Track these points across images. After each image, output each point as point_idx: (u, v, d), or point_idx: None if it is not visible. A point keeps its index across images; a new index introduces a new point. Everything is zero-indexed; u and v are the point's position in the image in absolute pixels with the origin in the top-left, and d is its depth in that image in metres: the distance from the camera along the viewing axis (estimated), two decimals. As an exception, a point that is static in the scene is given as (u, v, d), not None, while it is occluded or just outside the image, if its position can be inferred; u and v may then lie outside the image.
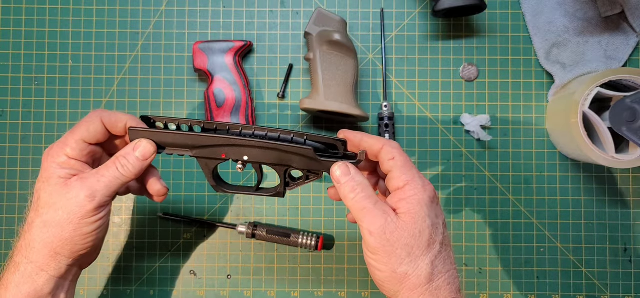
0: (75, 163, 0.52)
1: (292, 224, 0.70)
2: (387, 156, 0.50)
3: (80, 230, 0.50)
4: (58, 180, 0.50)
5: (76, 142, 0.51)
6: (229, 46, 0.68)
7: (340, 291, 0.70)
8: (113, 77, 0.71)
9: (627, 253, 0.70)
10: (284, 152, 0.51)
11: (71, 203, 0.50)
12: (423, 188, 0.48)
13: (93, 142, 0.53)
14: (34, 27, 0.71)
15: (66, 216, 0.50)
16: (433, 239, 0.47)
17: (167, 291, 0.70)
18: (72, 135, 0.52)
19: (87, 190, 0.50)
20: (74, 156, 0.51)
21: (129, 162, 0.52)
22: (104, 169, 0.51)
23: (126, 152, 0.52)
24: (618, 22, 0.69)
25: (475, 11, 0.68)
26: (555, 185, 0.70)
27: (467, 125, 0.69)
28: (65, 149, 0.51)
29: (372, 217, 0.47)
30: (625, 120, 0.59)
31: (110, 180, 0.51)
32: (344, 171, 0.49)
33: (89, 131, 0.52)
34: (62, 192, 0.50)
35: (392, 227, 0.46)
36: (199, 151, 0.53)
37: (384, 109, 0.68)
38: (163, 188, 0.56)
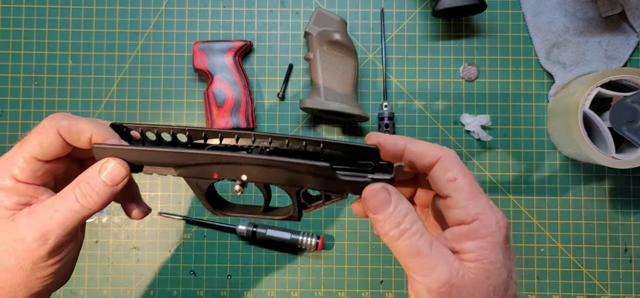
0: (25, 188, 0.40)
1: (292, 224, 0.70)
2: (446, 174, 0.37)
3: (33, 275, 0.39)
4: (4, 212, 0.39)
5: (26, 161, 0.39)
6: (229, 46, 0.68)
7: (340, 291, 0.70)
8: (113, 77, 0.71)
9: (628, 254, 0.70)
10: (293, 171, 0.39)
11: (19, 247, 0.38)
12: (497, 224, 0.35)
13: (48, 158, 0.40)
14: (33, 27, 0.71)
15: (15, 261, 0.38)
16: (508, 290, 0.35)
17: (167, 291, 0.70)
18: (20, 151, 0.40)
19: (37, 231, 0.38)
20: (23, 179, 0.40)
21: (94, 190, 0.39)
22: (60, 201, 0.39)
23: (89, 176, 0.39)
24: (618, 22, 0.69)
25: (475, 11, 0.68)
26: (555, 185, 0.70)
27: (468, 125, 0.69)
28: (12, 169, 0.39)
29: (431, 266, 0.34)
30: (626, 120, 0.59)
31: (67, 215, 0.38)
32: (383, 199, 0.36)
33: (42, 146, 0.40)
34: (8, 230, 0.38)
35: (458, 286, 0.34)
36: (185, 170, 0.41)
37: (384, 108, 0.68)
38: (141, 213, 0.45)
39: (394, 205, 0.35)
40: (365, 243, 0.70)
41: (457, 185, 0.36)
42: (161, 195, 0.70)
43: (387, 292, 0.70)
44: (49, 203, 0.39)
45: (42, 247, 0.38)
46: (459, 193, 0.36)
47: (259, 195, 0.69)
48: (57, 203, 0.39)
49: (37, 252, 0.38)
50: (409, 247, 0.34)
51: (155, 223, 0.70)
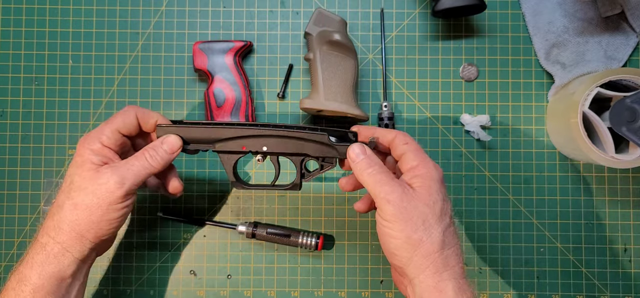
0: (108, 151, 0.55)
1: (292, 224, 0.70)
2: (401, 141, 0.55)
3: (107, 215, 0.53)
4: (91, 165, 0.53)
5: (112, 132, 0.55)
6: (229, 46, 0.68)
7: (340, 291, 0.70)
8: (113, 77, 0.71)
9: (627, 254, 0.70)
10: (300, 140, 0.57)
11: (102, 189, 0.53)
12: (435, 168, 0.53)
13: (126, 133, 0.57)
14: (34, 27, 0.71)
15: (96, 200, 0.53)
16: (444, 211, 0.51)
17: (167, 291, 0.70)
18: (109, 125, 0.55)
19: (118, 177, 0.53)
20: (108, 144, 0.55)
21: (158, 154, 0.56)
22: (134, 159, 0.55)
23: (155, 145, 0.56)
24: (618, 22, 0.69)
25: (475, 11, 0.68)
26: (555, 185, 0.70)
27: (467, 125, 0.69)
28: (101, 136, 0.55)
29: (390, 187, 0.51)
30: (625, 120, 0.59)
31: (139, 169, 0.54)
32: (360, 150, 0.54)
33: (125, 123, 0.56)
34: (93, 178, 0.53)
35: (408, 197, 0.51)
36: (221, 145, 0.57)
37: (384, 109, 0.68)
38: (180, 185, 0.60)
39: (368, 154, 0.54)
40: (365, 243, 0.70)
41: (409, 147, 0.54)
42: (161, 196, 0.70)
43: (387, 292, 0.70)
44: (125, 161, 0.55)
45: (120, 189, 0.53)
46: (409, 151, 0.54)
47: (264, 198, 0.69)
48: (132, 160, 0.55)
49: (116, 192, 0.53)
50: (376, 175, 0.52)
51: (155, 223, 0.70)
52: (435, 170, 0.53)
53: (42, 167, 0.70)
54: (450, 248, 0.50)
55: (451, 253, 0.50)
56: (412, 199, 0.50)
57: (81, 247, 0.54)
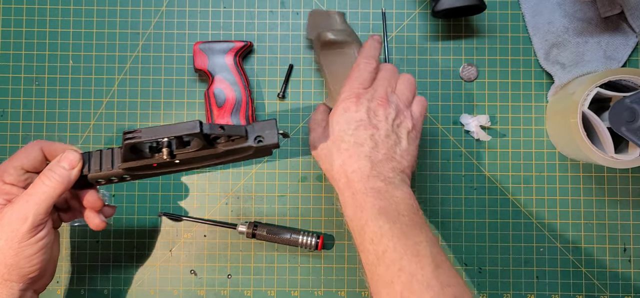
0: (10, 188, 0.52)
1: (292, 224, 0.70)
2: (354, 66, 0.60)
3: (21, 253, 0.50)
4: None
5: (14, 169, 0.53)
6: (229, 46, 0.68)
7: (340, 291, 0.70)
8: (113, 77, 0.71)
9: (627, 253, 0.70)
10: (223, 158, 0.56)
11: (6, 230, 0.49)
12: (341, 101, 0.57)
13: (31, 169, 0.54)
14: (34, 27, 0.71)
15: (4, 242, 0.50)
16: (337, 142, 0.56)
17: (167, 291, 0.70)
18: (11, 162, 0.53)
19: (17, 212, 0.50)
20: (10, 182, 0.53)
21: (56, 173, 0.51)
22: (31, 188, 0.51)
23: (52, 165, 0.52)
24: (617, 23, 0.69)
25: (475, 11, 0.68)
26: (554, 185, 0.70)
27: (467, 125, 0.70)
28: (3, 175, 0.52)
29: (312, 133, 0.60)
30: (625, 120, 0.59)
31: (40, 197, 0.50)
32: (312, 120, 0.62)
33: (28, 158, 0.53)
34: None
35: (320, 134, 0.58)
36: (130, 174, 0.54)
37: None
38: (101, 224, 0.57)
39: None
40: (365, 243, 0.70)
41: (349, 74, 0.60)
42: (161, 195, 0.70)
43: (387, 291, 0.70)
44: (23, 193, 0.51)
45: (24, 224, 0.49)
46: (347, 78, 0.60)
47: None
48: (30, 190, 0.51)
49: (21, 229, 0.49)
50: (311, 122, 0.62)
51: (155, 223, 0.70)
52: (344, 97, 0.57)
53: (43, 167, 0.70)
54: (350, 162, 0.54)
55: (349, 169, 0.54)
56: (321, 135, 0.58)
57: (8, 291, 0.51)
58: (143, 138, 0.50)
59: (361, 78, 0.58)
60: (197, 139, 0.52)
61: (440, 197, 0.70)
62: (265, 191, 0.70)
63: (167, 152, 0.52)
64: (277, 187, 0.70)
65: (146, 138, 0.50)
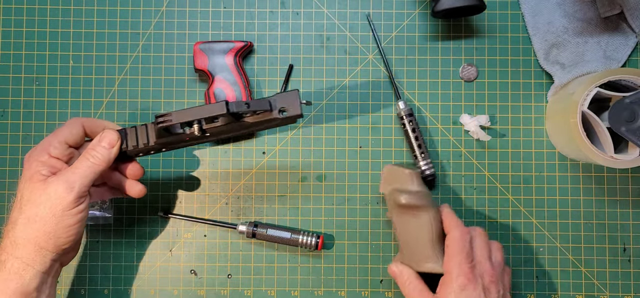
0: (56, 162, 0.55)
1: (292, 224, 0.70)
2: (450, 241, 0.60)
3: (62, 222, 0.53)
4: (39, 177, 0.53)
5: (59, 143, 0.55)
6: (229, 46, 0.68)
7: (340, 291, 0.70)
8: (114, 77, 0.71)
9: (626, 253, 0.70)
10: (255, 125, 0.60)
11: (52, 198, 0.53)
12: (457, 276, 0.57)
13: (73, 144, 0.57)
14: (35, 27, 0.71)
15: (48, 210, 0.53)
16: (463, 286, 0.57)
17: (168, 291, 0.70)
18: (56, 136, 0.56)
19: (65, 182, 0.53)
20: (55, 155, 0.55)
21: (98, 152, 0.56)
22: (77, 162, 0.55)
23: (94, 144, 0.56)
24: (617, 23, 0.69)
25: (475, 11, 0.68)
26: (554, 185, 0.70)
27: (466, 125, 0.70)
28: (49, 148, 0.55)
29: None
30: (624, 120, 0.59)
31: (84, 170, 0.54)
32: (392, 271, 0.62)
33: (72, 133, 0.57)
34: (42, 189, 0.53)
35: None
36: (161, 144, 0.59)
37: (402, 107, 0.68)
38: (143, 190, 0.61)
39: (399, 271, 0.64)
40: (365, 243, 0.70)
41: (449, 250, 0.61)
42: (161, 195, 0.70)
43: (387, 291, 0.70)
44: (70, 167, 0.55)
45: (70, 194, 0.53)
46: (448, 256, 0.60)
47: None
48: (76, 164, 0.55)
49: (66, 198, 0.53)
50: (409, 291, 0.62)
51: (155, 223, 0.70)
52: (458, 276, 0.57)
53: (43, 167, 0.70)
54: None
55: None
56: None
57: (42, 259, 0.53)
58: (174, 121, 0.54)
59: (465, 251, 0.58)
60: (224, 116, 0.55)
61: (440, 197, 0.70)
62: (265, 191, 0.70)
63: (198, 129, 0.56)
64: (277, 187, 0.70)
65: (176, 121, 0.54)
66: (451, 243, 0.59)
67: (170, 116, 0.54)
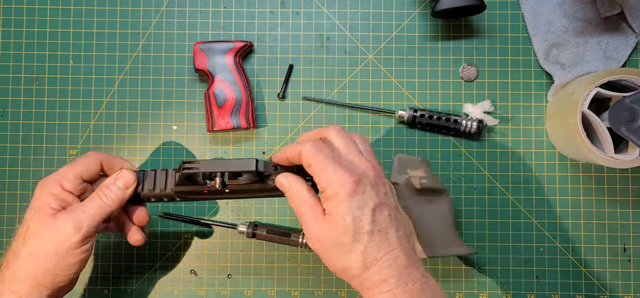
0: (67, 195, 0.53)
1: (292, 224, 0.70)
2: (306, 165, 0.50)
3: (64, 261, 0.52)
4: (49, 210, 0.52)
5: (74, 176, 0.54)
6: (229, 46, 0.68)
7: (340, 291, 0.70)
8: (113, 77, 0.71)
9: (627, 253, 0.70)
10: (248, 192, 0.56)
11: (59, 235, 0.51)
12: (341, 186, 0.47)
13: (88, 179, 0.55)
14: (34, 27, 0.71)
15: (53, 247, 0.51)
16: (357, 232, 0.47)
17: (168, 291, 0.70)
18: (72, 169, 0.54)
19: (74, 221, 0.51)
20: (69, 189, 0.54)
21: (112, 192, 0.54)
22: (88, 201, 0.53)
23: (108, 183, 0.54)
24: (617, 23, 0.69)
25: (475, 11, 0.68)
26: (554, 185, 0.70)
27: (471, 114, 0.69)
28: (63, 181, 0.53)
29: (306, 225, 0.50)
30: (625, 120, 0.59)
31: (95, 210, 0.53)
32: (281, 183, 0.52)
33: (88, 168, 0.55)
34: (50, 224, 0.52)
35: (321, 230, 0.48)
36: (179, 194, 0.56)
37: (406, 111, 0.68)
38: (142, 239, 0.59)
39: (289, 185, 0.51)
40: (365, 243, 0.70)
41: (312, 170, 0.49)
42: (162, 195, 0.70)
43: (387, 291, 0.70)
44: (80, 204, 0.53)
45: (77, 234, 0.51)
46: (314, 175, 0.49)
47: (259, 195, 0.69)
48: (87, 202, 0.53)
49: (73, 237, 0.51)
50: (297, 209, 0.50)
51: (155, 223, 0.70)
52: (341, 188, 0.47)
53: (43, 167, 0.70)
54: (375, 263, 0.47)
55: (377, 268, 0.47)
56: (325, 231, 0.48)
57: (38, 295, 0.52)
58: (201, 170, 0.53)
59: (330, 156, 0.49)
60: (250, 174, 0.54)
61: (440, 197, 0.70)
62: (265, 191, 0.70)
63: (220, 182, 0.54)
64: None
65: (204, 170, 0.53)
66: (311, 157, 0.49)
67: (197, 164, 0.53)
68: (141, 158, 0.70)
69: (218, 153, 0.71)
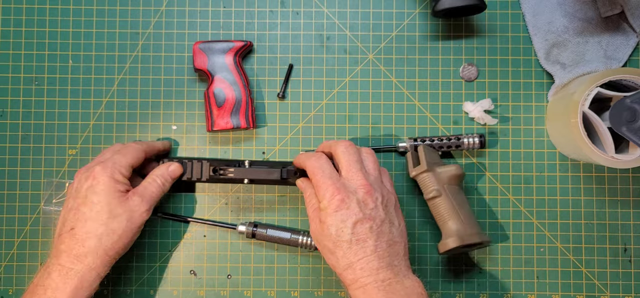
0: (126, 181, 0.62)
1: (292, 224, 0.70)
2: (309, 176, 0.60)
3: (135, 235, 0.61)
4: (119, 194, 0.60)
5: (128, 165, 0.62)
6: (229, 46, 0.68)
7: (340, 291, 0.70)
8: (113, 77, 0.71)
9: (627, 253, 0.70)
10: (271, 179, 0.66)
11: (135, 213, 0.60)
12: (329, 201, 0.57)
13: (136, 166, 0.63)
14: (34, 27, 0.71)
15: (131, 224, 0.60)
16: (338, 241, 0.56)
17: (167, 291, 0.70)
18: (125, 158, 0.62)
19: (145, 201, 0.61)
20: (127, 175, 0.62)
21: (164, 177, 0.64)
22: (149, 185, 0.63)
23: (162, 172, 0.64)
24: (618, 22, 0.69)
25: (475, 11, 0.68)
26: (555, 185, 0.70)
27: (471, 112, 0.69)
28: (121, 169, 0.61)
29: (310, 224, 0.60)
30: (625, 120, 0.59)
31: (156, 192, 0.63)
32: (299, 185, 0.64)
33: (138, 159, 0.63)
34: (125, 204, 0.60)
35: (317, 232, 0.59)
36: None
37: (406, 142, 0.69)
38: None
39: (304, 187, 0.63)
40: (365, 243, 0.70)
41: (312, 183, 0.60)
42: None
43: (387, 291, 0.70)
44: (143, 186, 0.62)
45: (148, 212, 0.61)
46: (314, 187, 0.59)
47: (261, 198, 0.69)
48: (148, 186, 0.62)
49: (144, 214, 0.61)
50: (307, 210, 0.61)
51: (155, 223, 0.70)
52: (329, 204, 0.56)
53: (42, 167, 0.70)
54: (355, 265, 0.55)
55: (357, 269, 0.55)
56: (319, 234, 0.58)
57: (108, 266, 0.60)
58: (234, 176, 0.65)
59: (327, 173, 0.58)
60: None
61: (440, 197, 0.70)
62: (265, 191, 0.70)
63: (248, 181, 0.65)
64: (277, 187, 0.70)
65: (235, 176, 0.65)
66: (312, 173, 0.59)
67: (230, 171, 0.65)
68: (141, 158, 0.70)
69: (218, 153, 0.70)
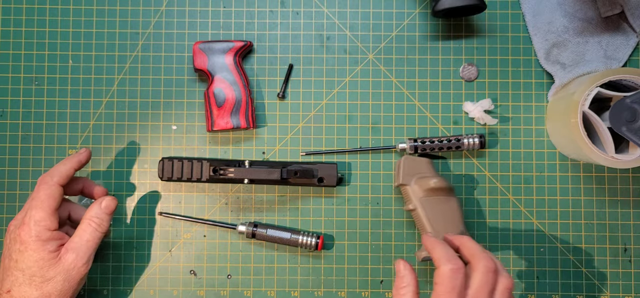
0: (55, 234, 0.56)
1: (292, 224, 0.70)
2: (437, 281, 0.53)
3: (76, 290, 0.58)
4: (50, 255, 0.55)
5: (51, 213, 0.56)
6: (229, 46, 0.68)
7: (340, 291, 0.70)
8: (113, 77, 0.71)
9: (627, 253, 0.70)
10: None
11: (71, 272, 0.56)
12: None
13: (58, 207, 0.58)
14: (34, 27, 0.71)
15: (68, 284, 0.56)
16: None
17: (167, 291, 0.70)
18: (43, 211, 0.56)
19: (81, 256, 0.57)
20: (54, 226, 0.56)
21: (100, 217, 0.59)
22: (82, 233, 0.58)
23: (95, 213, 0.59)
24: (618, 22, 0.69)
25: (475, 11, 0.68)
26: (555, 185, 0.70)
27: (471, 112, 0.69)
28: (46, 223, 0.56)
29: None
30: (625, 120, 0.59)
31: (92, 239, 0.58)
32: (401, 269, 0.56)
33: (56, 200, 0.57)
34: (58, 264, 0.56)
35: None
36: None
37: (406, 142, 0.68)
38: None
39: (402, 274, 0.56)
40: (365, 243, 0.70)
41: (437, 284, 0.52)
42: (161, 195, 0.70)
43: (387, 291, 0.70)
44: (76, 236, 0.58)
45: (85, 265, 0.57)
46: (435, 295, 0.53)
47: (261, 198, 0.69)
48: (84, 235, 0.58)
49: (82, 269, 0.57)
50: None
51: (155, 223, 0.70)
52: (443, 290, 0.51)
53: (42, 167, 0.70)
54: None
55: None
56: None
57: None
58: (234, 176, 0.65)
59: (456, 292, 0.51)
60: None
61: (440, 197, 0.70)
62: (265, 191, 0.70)
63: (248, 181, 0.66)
64: (277, 187, 0.70)
65: (235, 176, 0.65)
66: (439, 281, 0.52)
67: (231, 171, 0.65)
68: (141, 157, 0.70)
69: (218, 153, 0.70)
